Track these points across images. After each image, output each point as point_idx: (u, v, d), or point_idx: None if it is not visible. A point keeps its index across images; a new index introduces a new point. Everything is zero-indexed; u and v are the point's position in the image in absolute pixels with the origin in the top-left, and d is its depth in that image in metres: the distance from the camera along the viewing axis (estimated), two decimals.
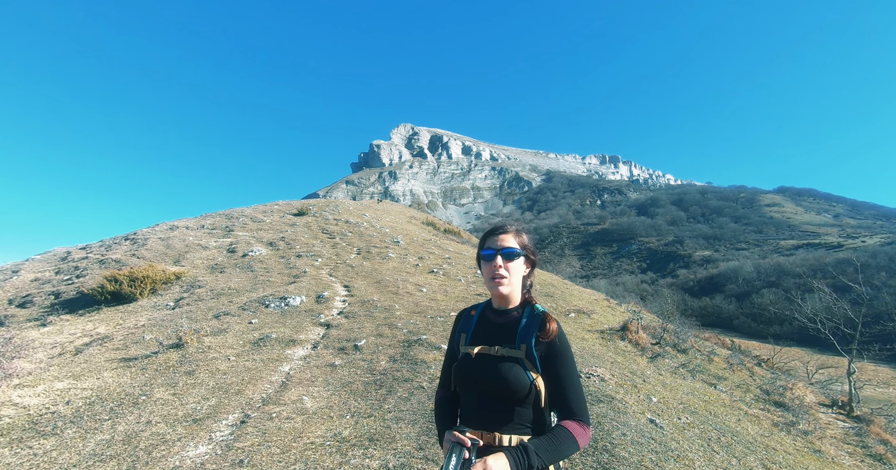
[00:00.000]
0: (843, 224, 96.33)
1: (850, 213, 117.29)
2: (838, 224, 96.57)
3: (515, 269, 1.40)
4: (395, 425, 3.53)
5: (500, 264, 1.37)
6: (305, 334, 6.01)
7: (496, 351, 1.35)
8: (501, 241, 1.42)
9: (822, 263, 51.13)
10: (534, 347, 1.33)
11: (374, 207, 26.60)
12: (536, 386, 1.30)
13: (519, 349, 1.33)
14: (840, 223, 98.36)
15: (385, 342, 5.65)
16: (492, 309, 1.49)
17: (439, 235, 21.36)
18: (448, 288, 9.49)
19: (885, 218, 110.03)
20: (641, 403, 4.55)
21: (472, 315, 1.52)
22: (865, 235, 75.54)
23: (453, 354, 1.54)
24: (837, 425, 7.13)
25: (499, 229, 1.48)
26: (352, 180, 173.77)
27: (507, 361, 1.32)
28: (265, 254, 12.22)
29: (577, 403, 1.31)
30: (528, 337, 1.35)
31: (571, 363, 1.35)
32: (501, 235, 1.44)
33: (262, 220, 17.63)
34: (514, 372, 1.30)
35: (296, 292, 8.03)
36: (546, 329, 1.34)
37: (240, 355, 5.25)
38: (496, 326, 1.43)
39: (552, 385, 1.31)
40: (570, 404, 1.30)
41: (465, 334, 1.48)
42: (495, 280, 1.38)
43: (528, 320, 1.38)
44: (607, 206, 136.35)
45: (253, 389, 4.28)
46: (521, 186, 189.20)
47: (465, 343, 1.45)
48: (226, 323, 6.56)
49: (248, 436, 3.34)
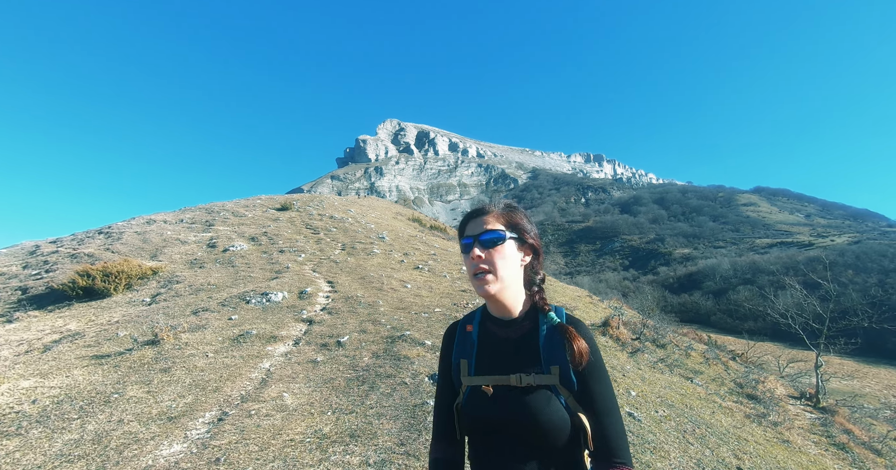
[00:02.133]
0: (815, 224, 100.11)
1: (820, 213, 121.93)
2: (810, 223, 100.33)
3: (503, 258, 1.04)
4: (376, 421, 3.51)
5: (480, 255, 1.03)
6: (287, 330, 5.92)
7: (521, 380, 1.00)
8: (482, 224, 1.07)
9: (794, 261, 53.09)
10: (570, 369, 1.00)
11: (360, 203, 26.36)
12: (583, 422, 0.98)
13: (549, 374, 1.00)
14: (811, 223, 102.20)
15: (368, 338, 5.61)
16: (492, 319, 1.12)
17: (425, 232, 21.31)
18: (433, 284, 9.48)
19: (853, 218, 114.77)
20: (621, 397, 4.64)
21: (468, 332, 1.14)
22: (835, 234, 78.69)
23: (450, 389, 1.15)
24: (805, 416, 7.43)
25: (478, 211, 1.12)
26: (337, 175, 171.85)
27: (538, 393, 0.99)
28: (247, 249, 11.98)
29: (620, 440, 0.99)
30: (557, 355, 1.01)
31: (610, 386, 1.04)
32: (482, 216, 1.09)
33: (244, 215, 17.26)
34: (553, 407, 0.97)
35: (278, 288, 7.90)
36: (576, 343, 1.00)
37: (218, 352, 5.14)
38: (506, 342, 1.08)
39: (591, 418, 1.00)
40: (611, 443, 0.98)
41: (465, 360, 1.10)
42: (478, 277, 1.04)
43: (550, 332, 1.04)
44: (591, 205, 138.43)
45: (232, 387, 4.19)
46: (508, 184, 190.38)
47: (469, 372, 1.08)
48: (204, 319, 6.41)
49: (226, 434, 3.27)
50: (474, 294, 8.78)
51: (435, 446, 1.16)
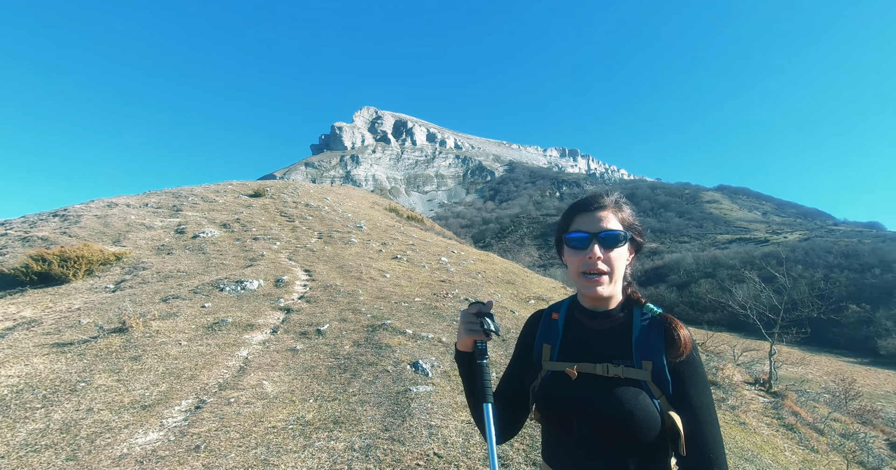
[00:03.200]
0: (770, 221, 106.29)
1: (776, 211, 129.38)
2: (766, 221, 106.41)
3: (619, 260, 1.00)
4: (360, 408, 3.52)
5: (599, 256, 0.97)
6: (264, 319, 5.79)
7: (607, 370, 0.96)
8: (599, 220, 1.00)
9: (751, 255, 56.33)
10: (665, 366, 0.94)
11: (336, 191, 25.85)
12: (675, 424, 0.90)
13: (641, 368, 0.94)
14: (767, 220, 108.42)
15: (349, 327, 5.58)
16: (582, 310, 1.08)
17: (402, 222, 21.19)
18: (412, 274, 9.48)
19: (804, 216, 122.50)
20: None
21: (554, 319, 1.11)
22: (787, 231, 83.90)
23: (520, 366, 1.15)
24: (759, 400, 7.99)
25: (594, 202, 1.03)
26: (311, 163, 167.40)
27: (626, 386, 0.93)
28: (218, 235, 11.55)
29: (719, 450, 0.91)
30: (651, 350, 0.95)
31: (709, 391, 0.96)
32: (599, 211, 1.01)
33: (215, 201, 16.59)
34: (641, 402, 0.90)
35: (253, 276, 7.69)
36: (677, 340, 0.95)
37: (192, 340, 4.98)
38: (595, 333, 1.04)
39: (686, 422, 0.91)
40: (709, 452, 0.90)
41: (548, 345, 1.08)
42: (590, 278, 0.98)
43: (645, 327, 0.99)
44: (566, 199, 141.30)
45: (208, 375, 4.08)
46: (485, 176, 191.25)
47: (552, 357, 1.05)
48: (175, 307, 6.17)
49: (205, 421, 3.20)
50: (455, 284, 8.85)
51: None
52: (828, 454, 5.83)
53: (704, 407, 0.93)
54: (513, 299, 8.83)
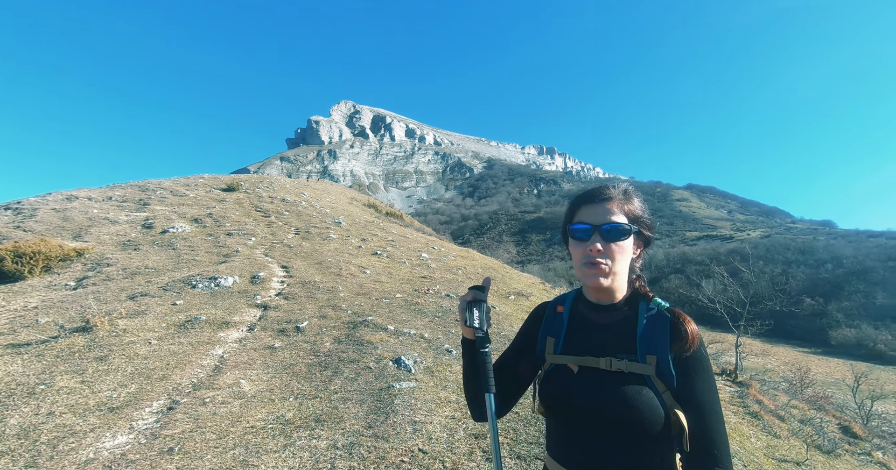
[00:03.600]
0: (735, 219, 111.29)
1: (740, 209, 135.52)
2: (731, 219, 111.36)
3: (623, 253, 0.98)
4: (342, 406, 3.46)
5: (600, 248, 0.95)
6: (240, 316, 5.61)
7: (610, 364, 0.95)
8: (604, 212, 0.98)
9: (717, 252, 58.87)
10: (670, 361, 0.92)
11: (313, 186, 25.31)
12: (680, 420, 0.90)
13: (645, 363, 0.93)
14: (732, 218, 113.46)
15: (329, 324, 5.47)
16: (587, 303, 1.07)
17: (381, 218, 20.98)
18: (392, 270, 9.40)
19: (766, 214, 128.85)
20: None
21: (559, 312, 1.10)
22: (750, 228, 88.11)
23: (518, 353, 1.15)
24: (726, 390, 8.37)
25: (600, 194, 1.02)
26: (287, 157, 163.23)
27: (628, 381, 0.92)
28: (189, 231, 11.10)
29: (725, 448, 0.90)
30: (655, 345, 0.94)
31: (715, 387, 0.95)
32: (604, 202, 1.00)
33: (185, 195, 15.93)
34: (645, 397, 0.90)
35: (227, 272, 7.43)
36: (684, 334, 0.93)
37: (163, 339, 4.76)
38: (599, 327, 1.03)
39: (690, 418, 0.91)
40: (714, 449, 0.89)
41: (552, 338, 1.07)
42: (590, 268, 0.97)
43: (651, 321, 0.98)
44: (543, 196, 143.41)
45: (181, 374, 3.92)
46: (464, 173, 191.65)
47: (556, 351, 1.04)
48: (144, 305, 5.89)
49: (178, 423, 3.06)
50: (436, 280, 8.84)
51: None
52: (788, 439, 6.16)
53: (709, 403, 0.91)
54: (493, 295, 8.90)
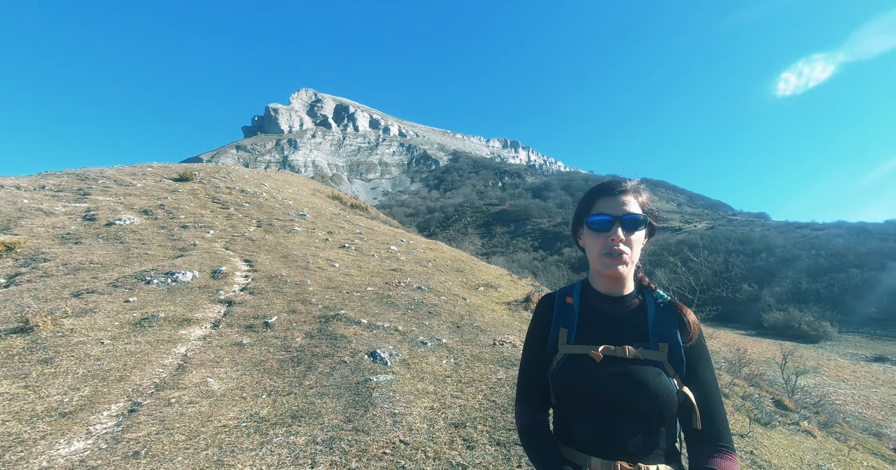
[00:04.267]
0: (684, 211, 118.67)
1: (688, 202, 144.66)
2: (680, 211, 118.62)
3: (639, 242, 1.05)
4: (319, 401, 3.41)
5: (622, 238, 1.01)
6: (203, 313, 5.33)
7: (627, 352, 1.00)
8: (623, 204, 1.04)
9: (668, 242, 62.61)
10: (681, 349, 1.01)
11: (274, 177, 24.29)
12: (691, 400, 0.98)
13: (658, 350, 1.00)
14: (681, 211, 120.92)
15: (299, 318, 5.33)
16: (597, 295, 1.11)
17: (347, 210, 20.54)
18: (362, 263, 9.26)
19: (710, 207, 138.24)
20: None
21: (568, 303, 1.13)
22: (697, 221, 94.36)
23: (542, 355, 1.14)
24: None
25: (618, 186, 1.08)
26: (244, 146, 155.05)
27: (646, 367, 0.98)
28: (139, 223, 10.34)
29: (725, 424, 0.99)
30: (667, 333, 1.02)
31: (713, 371, 1.05)
32: (622, 195, 1.06)
33: (132, 184, 14.78)
34: (663, 381, 0.97)
35: (185, 267, 7.02)
36: (688, 324, 1.03)
37: (117, 338, 4.45)
38: (612, 318, 1.07)
39: (697, 398, 0.99)
40: (719, 426, 0.98)
41: (565, 329, 1.10)
42: (612, 257, 1.01)
43: (660, 312, 1.05)
44: (507, 189, 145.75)
45: (141, 375, 3.69)
46: (429, 165, 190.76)
47: (569, 341, 1.08)
48: (92, 302, 5.45)
49: (143, 425, 2.89)
50: (406, 273, 8.81)
51: (525, 410, 1.14)
52: (733, 414, 6.75)
53: (711, 385, 1.01)
54: (463, 287, 9.00)
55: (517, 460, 2.88)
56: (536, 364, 1.15)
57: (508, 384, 4.13)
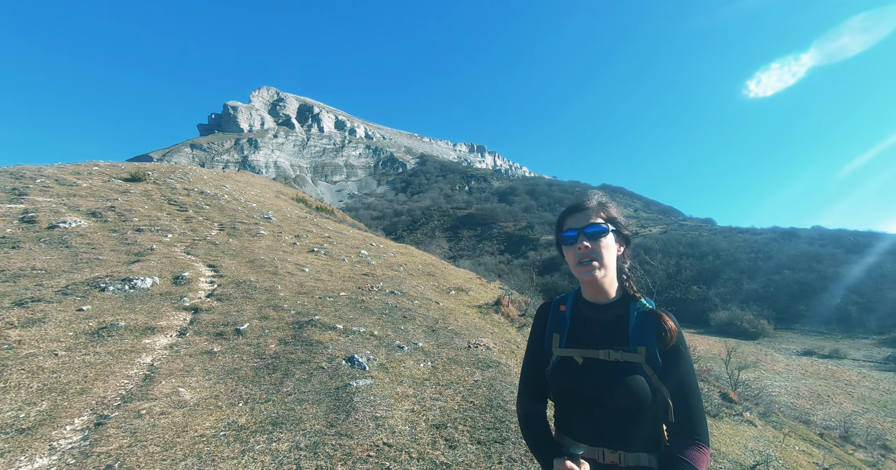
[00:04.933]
0: (640, 217, 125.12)
1: (644, 208, 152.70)
2: (636, 216, 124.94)
3: (606, 248, 1.18)
4: (298, 407, 3.40)
5: (587, 245, 1.16)
6: (167, 320, 5.10)
7: (608, 355, 1.14)
8: (585, 218, 1.21)
9: None
10: (657, 351, 1.13)
11: (235, 178, 23.34)
12: (665, 397, 1.11)
13: (636, 353, 1.13)
14: (638, 216, 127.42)
15: (272, 325, 5.23)
16: (586, 303, 1.26)
17: (313, 213, 20.10)
18: (333, 268, 9.14)
19: (663, 213, 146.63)
20: (519, 365, 5.33)
21: (562, 311, 1.29)
22: (652, 225, 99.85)
23: (539, 356, 1.31)
24: None
25: (579, 205, 1.24)
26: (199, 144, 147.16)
27: (623, 368, 1.12)
28: (87, 226, 9.65)
29: (700, 419, 1.11)
30: (644, 337, 1.15)
31: (693, 370, 1.15)
32: (584, 211, 1.22)
33: (76, 184, 13.72)
34: (636, 381, 1.10)
35: (144, 273, 6.66)
36: (666, 330, 1.14)
37: (73, 349, 4.18)
38: (597, 324, 1.22)
39: (673, 395, 1.11)
40: (694, 421, 1.10)
41: (558, 334, 1.25)
42: (583, 265, 1.16)
43: (640, 318, 1.18)
44: (474, 193, 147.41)
45: (104, 387, 3.50)
46: (396, 168, 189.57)
47: (561, 345, 1.24)
48: (39, 311, 5.07)
49: (113, 438, 2.78)
50: (378, 278, 8.80)
51: (524, 402, 1.32)
52: None
53: (688, 384, 1.13)
54: (435, 291, 9.11)
55: (497, 457, 3.02)
56: (534, 363, 1.33)
57: (485, 386, 4.27)
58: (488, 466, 2.91)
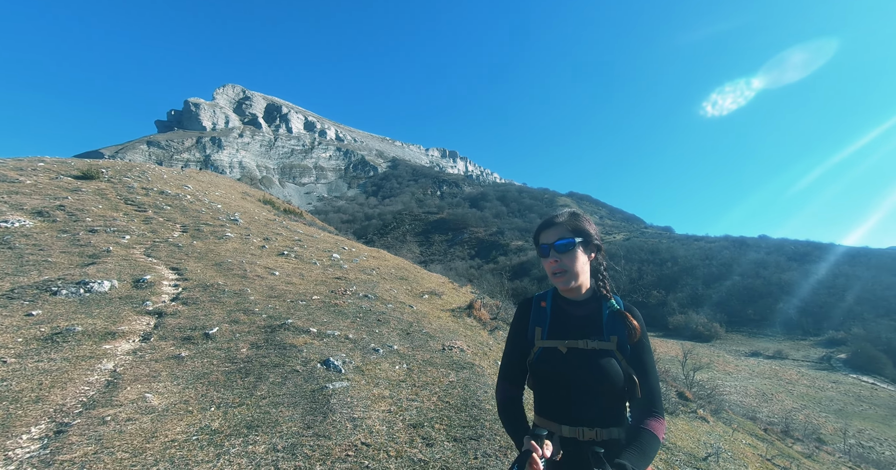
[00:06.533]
0: (605, 224, 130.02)
1: (609, 215, 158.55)
2: (602, 224, 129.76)
3: (575, 259, 1.34)
4: (274, 410, 3.37)
5: (557, 259, 1.34)
6: (129, 325, 4.87)
7: (587, 345, 1.30)
8: (555, 233, 1.36)
9: None
10: (626, 341, 1.31)
11: (198, 178, 22.39)
12: (633, 378, 1.29)
13: (609, 342, 1.31)
14: (603, 223, 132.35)
15: (243, 329, 5.10)
16: (564, 300, 1.43)
17: (281, 215, 19.59)
18: (304, 272, 8.99)
19: (627, 221, 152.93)
20: (492, 367, 5.48)
21: (542, 306, 1.45)
22: (616, 232, 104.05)
23: (521, 346, 1.45)
24: None
25: (550, 222, 1.41)
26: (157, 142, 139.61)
27: (600, 354, 1.29)
28: (32, 226, 8.99)
29: (658, 396, 1.31)
30: (616, 329, 1.33)
31: (653, 356, 1.36)
32: (553, 227, 1.38)
33: (19, 181, 12.74)
34: (612, 365, 1.27)
35: (100, 276, 6.31)
36: (632, 328, 1.32)
37: (24, 356, 3.92)
38: (575, 318, 1.39)
39: (638, 376, 1.30)
40: (653, 397, 1.29)
41: (539, 328, 1.41)
42: (556, 276, 1.35)
43: (611, 315, 1.36)
44: (446, 198, 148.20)
45: (62, 394, 3.32)
46: (367, 171, 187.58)
47: (543, 337, 1.39)
48: None
49: (76, 446, 2.66)
50: (351, 281, 8.75)
51: (504, 387, 1.47)
52: None
53: (650, 368, 1.34)
54: (408, 295, 9.15)
55: (473, 453, 3.13)
56: (516, 351, 1.48)
57: (460, 386, 4.38)
58: (464, 462, 3.01)
